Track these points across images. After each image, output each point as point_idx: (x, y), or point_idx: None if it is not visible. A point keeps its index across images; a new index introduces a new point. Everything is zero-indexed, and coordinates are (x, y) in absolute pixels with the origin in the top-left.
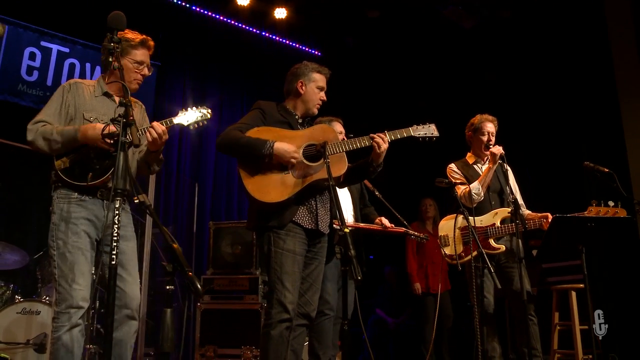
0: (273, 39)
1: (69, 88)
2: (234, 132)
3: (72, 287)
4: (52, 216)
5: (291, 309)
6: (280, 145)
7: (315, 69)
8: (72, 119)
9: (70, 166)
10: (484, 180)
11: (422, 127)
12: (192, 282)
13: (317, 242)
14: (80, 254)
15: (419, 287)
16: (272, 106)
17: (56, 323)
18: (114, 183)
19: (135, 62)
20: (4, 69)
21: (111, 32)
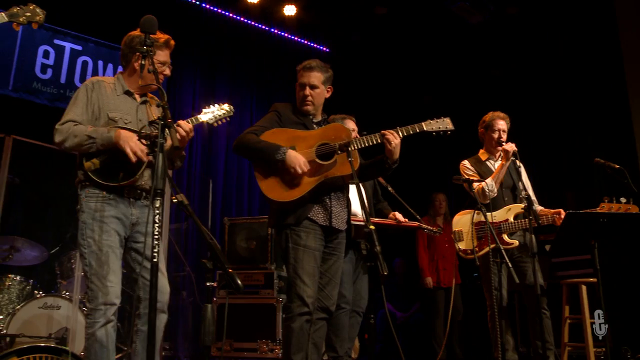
0: (282, 35)
1: (92, 87)
2: (249, 135)
3: (104, 285)
4: (80, 215)
5: (310, 303)
6: (292, 154)
7: (298, 69)
8: (97, 117)
9: (100, 167)
10: (497, 176)
11: (435, 121)
12: (233, 278)
13: (334, 238)
14: (111, 251)
15: (430, 281)
16: (288, 107)
17: (90, 319)
18: (154, 183)
19: (159, 62)
20: (19, 67)
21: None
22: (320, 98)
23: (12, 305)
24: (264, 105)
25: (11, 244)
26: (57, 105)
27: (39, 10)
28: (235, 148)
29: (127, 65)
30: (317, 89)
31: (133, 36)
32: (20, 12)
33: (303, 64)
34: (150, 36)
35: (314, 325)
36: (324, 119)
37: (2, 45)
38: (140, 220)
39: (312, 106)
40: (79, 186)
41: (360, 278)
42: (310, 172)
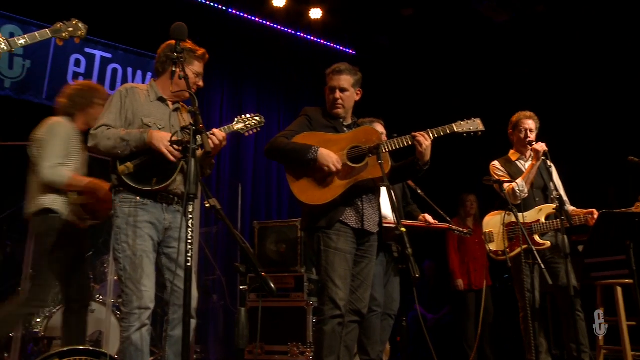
0: (308, 39)
1: (126, 93)
2: (280, 139)
3: (139, 289)
4: (115, 220)
5: (342, 305)
6: (325, 152)
7: (327, 72)
8: (131, 123)
9: (134, 171)
10: (528, 177)
11: (466, 122)
12: (266, 282)
13: (365, 240)
14: (145, 256)
15: (461, 283)
16: (318, 111)
17: (125, 323)
18: (187, 188)
19: (195, 72)
20: (52, 76)
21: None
22: (350, 101)
23: (48, 308)
24: (291, 109)
25: None
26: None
27: (81, 25)
28: (267, 152)
29: (162, 73)
30: (347, 92)
31: (171, 45)
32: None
33: (332, 68)
34: (181, 44)
35: (346, 328)
36: (354, 122)
37: (36, 56)
38: (173, 225)
39: (342, 109)
40: (113, 191)
41: (392, 280)
42: (342, 175)
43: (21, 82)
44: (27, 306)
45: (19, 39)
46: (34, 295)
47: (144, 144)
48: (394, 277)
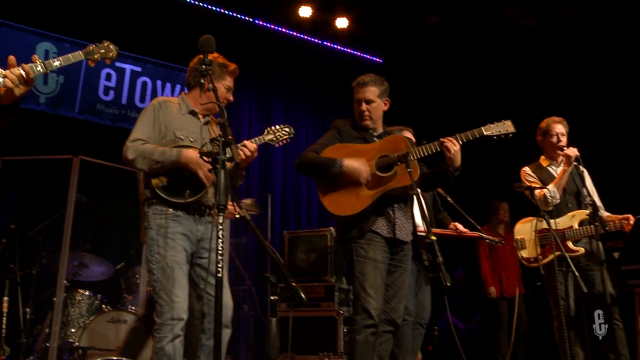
0: (335, 48)
1: (159, 106)
2: (309, 153)
3: (172, 300)
4: (148, 232)
5: (375, 315)
6: (349, 163)
7: (353, 85)
8: (164, 136)
9: (167, 184)
10: (560, 182)
11: (495, 125)
12: (297, 292)
13: (399, 250)
14: (178, 267)
15: (494, 291)
16: (347, 123)
17: (159, 334)
18: (216, 199)
19: (226, 87)
20: (84, 90)
21: (202, 54)
22: (377, 112)
23: (82, 319)
24: (319, 119)
25: (80, 260)
26: (119, 125)
27: (112, 47)
28: (297, 167)
29: (193, 86)
30: (374, 103)
31: (202, 59)
32: (96, 50)
33: (357, 80)
34: (214, 58)
35: (380, 337)
36: (384, 131)
37: (69, 71)
38: (205, 236)
39: (370, 120)
40: (146, 203)
41: (423, 289)
42: (371, 185)
43: (55, 97)
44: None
45: (54, 61)
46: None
47: (176, 165)
48: (425, 286)
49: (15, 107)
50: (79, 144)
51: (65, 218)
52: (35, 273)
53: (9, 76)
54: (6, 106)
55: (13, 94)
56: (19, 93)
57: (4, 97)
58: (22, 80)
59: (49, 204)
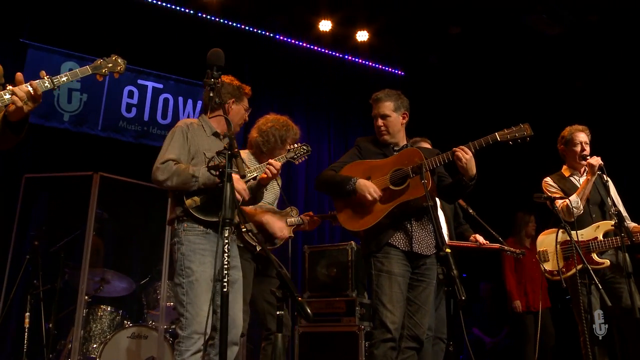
0: (356, 61)
1: (187, 128)
2: (328, 172)
3: (199, 314)
4: (179, 247)
5: (393, 329)
6: (362, 182)
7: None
8: (194, 157)
9: (201, 204)
10: (583, 192)
11: (511, 129)
12: (303, 307)
13: (421, 263)
14: (206, 283)
15: (519, 305)
16: (369, 140)
17: (180, 347)
18: (222, 213)
19: (245, 108)
20: (107, 108)
21: (211, 68)
22: (395, 126)
23: (104, 334)
24: (341, 134)
25: (102, 276)
26: (141, 142)
27: (120, 61)
28: (316, 185)
29: (217, 108)
30: (390, 118)
31: (226, 83)
32: (103, 64)
33: (372, 97)
34: (233, 82)
35: (403, 354)
36: (406, 145)
37: (92, 90)
38: (231, 254)
39: (388, 135)
40: (176, 221)
41: (443, 304)
42: (384, 199)
43: (78, 115)
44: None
45: (62, 77)
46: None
47: (213, 182)
48: (445, 300)
49: (23, 123)
50: (102, 161)
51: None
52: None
53: (18, 93)
54: (15, 123)
55: (22, 111)
56: (27, 110)
57: (13, 114)
58: (30, 97)
59: (71, 220)
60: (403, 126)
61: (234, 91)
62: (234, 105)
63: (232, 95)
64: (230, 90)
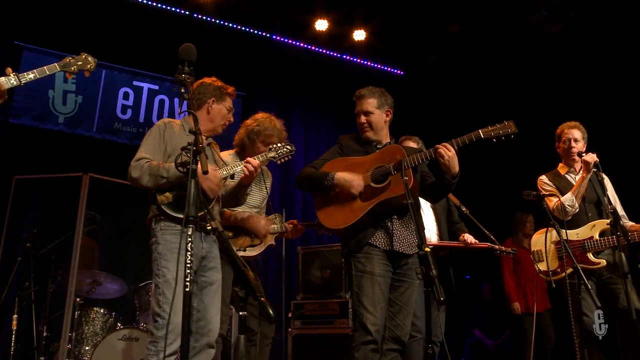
0: (354, 61)
1: (165, 127)
2: (307, 169)
3: (176, 315)
4: (156, 247)
5: (374, 331)
6: (341, 175)
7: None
8: (170, 155)
9: (173, 200)
10: (578, 190)
11: (495, 126)
12: (264, 308)
13: (402, 263)
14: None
15: (518, 307)
16: (351, 138)
17: (155, 347)
18: (186, 210)
19: (228, 108)
20: (102, 110)
21: (182, 63)
22: (378, 123)
23: (96, 336)
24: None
25: (94, 278)
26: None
27: (90, 59)
28: (296, 182)
29: (197, 109)
30: (373, 115)
31: (207, 84)
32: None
33: (356, 93)
34: (213, 82)
35: (385, 356)
36: (389, 142)
37: (87, 91)
38: (209, 255)
39: (370, 132)
40: (154, 220)
41: (435, 305)
42: (365, 197)
43: (73, 117)
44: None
45: (29, 74)
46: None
47: (180, 180)
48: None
49: None
50: (97, 162)
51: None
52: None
53: None
54: None
55: None
56: None
57: None
58: None
59: (64, 222)
60: (386, 124)
61: (214, 91)
62: (214, 104)
63: (212, 95)
64: (211, 90)
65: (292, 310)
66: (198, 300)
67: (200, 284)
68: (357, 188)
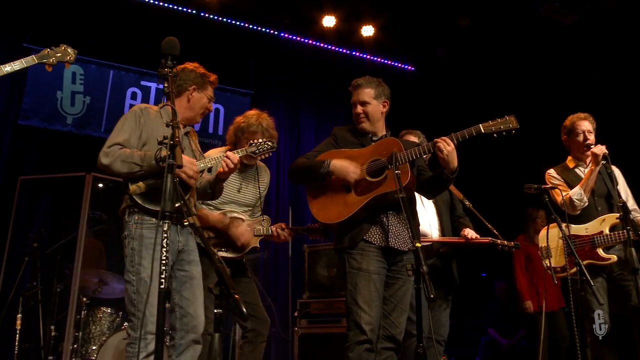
0: (364, 57)
1: (141, 113)
2: (300, 159)
3: (152, 314)
4: (130, 241)
5: (368, 330)
6: (338, 162)
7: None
8: (145, 142)
9: (146, 191)
10: (586, 184)
11: (496, 121)
12: (236, 305)
13: (398, 260)
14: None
15: (530, 305)
16: (345, 129)
17: (133, 348)
18: (162, 205)
19: (209, 97)
20: (110, 110)
21: (165, 57)
22: (374, 114)
23: (103, 336)
24: None
25: (100, 278)
26: None
27: (70, 51)
28: (288, 173)
29: (176, 95)
30: (369, 105)
31: (188, 70)
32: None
33: (352, 83)
34: (197, 69)
35: (380, 355)
36: (385, 135)
37: (95, 92)
38: (186, 248)
39: (367, 123)
40: (127, 212)
41: (439, 304)
42: (360, 190)
43: (82, 118)
44: None
45: (5, 67)
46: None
47: (156, 169)
48: (440, 300)
49: None
50: None
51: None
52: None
53: None
54: None
55: None
56: None
57: None
58: None
59: (70, 222)
60: (383, 115)
61: (196, 78)
62: (195, 92)
63: (193, 82)
64: (192, 77)
65: (298, 309)
66: (179, 297)
67: (179, 279)
68: (353, 176)
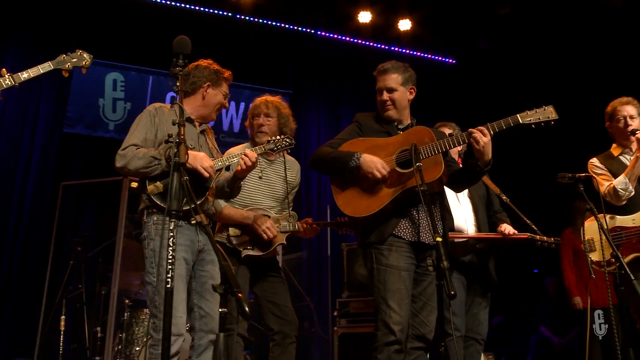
0: (402, 52)
1: (155, 112)
2: (324, 148)
3: (174, 315)
4: (149, 242)
5: (397, 330)
6: (368, 157)
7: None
8: (161, 142)
9: (164, 190)
10: (632, 172)
11: (534, 111)
12: (240, 304)
13: (427, 255)
14: (180, 281)
15: (579, 302)
16: (370, 116)
17: (156, 350)
18: (168, 204)
19: (224, 93)
20: None
21: (176, 56)
22: (401, 101)
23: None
24: None
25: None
26: None
27: (85, 56)
28: (310, 163)
29: (191, 93)
30: (396, 92)
31: (202, 67)
32: (67, 59)
33: (378, 67)
34: (211, 65)
35: (409, 355)
36: (411, 123)
37: (136, 98)
38: (206, 247)
39: (393, 110)
40: (145, 213)
41: (477, 301)
42: (390, 183)
43: (123, 124)
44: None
45: (23, 74)
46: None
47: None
48: (479, 298)
49: None
50: None
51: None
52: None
53: None
54: None
55: None
56: None
57: None
58: None
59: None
60: (409, 103)
61: (210, 75)
62: (209, 89)
63: (207, 79)
64: (207, 74)
65: (337, 309)
66: (198, 297)
67: (199, 279)
68: (382, 172)
